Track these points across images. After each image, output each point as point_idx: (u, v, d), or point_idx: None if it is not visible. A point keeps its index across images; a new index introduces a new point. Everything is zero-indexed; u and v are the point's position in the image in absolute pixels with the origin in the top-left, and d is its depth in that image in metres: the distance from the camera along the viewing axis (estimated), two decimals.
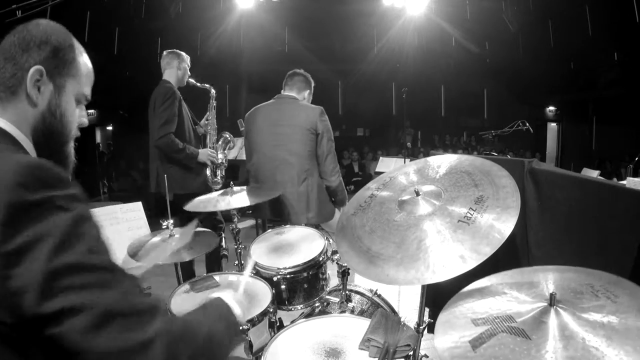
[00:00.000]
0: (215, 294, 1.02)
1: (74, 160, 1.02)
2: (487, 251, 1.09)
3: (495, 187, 1.26)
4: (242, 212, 2.21)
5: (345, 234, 1.38)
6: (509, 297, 0.99)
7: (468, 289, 1.08)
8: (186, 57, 3.23)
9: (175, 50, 3.22)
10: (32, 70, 0.88)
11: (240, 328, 0.96)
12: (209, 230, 2.11)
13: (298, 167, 2.61)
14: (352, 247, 1.31)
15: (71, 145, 1.01)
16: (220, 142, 3.31)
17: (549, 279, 1.01)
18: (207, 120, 3.34)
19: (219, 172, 3.25)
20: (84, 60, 0.99)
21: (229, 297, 1.00)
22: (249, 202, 2.05)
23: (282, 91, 2.81)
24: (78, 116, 1.01)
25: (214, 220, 3.17)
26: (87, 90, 1.01)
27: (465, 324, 0.95)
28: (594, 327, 0.83)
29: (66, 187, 0.72)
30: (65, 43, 0.94)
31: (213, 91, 3.33)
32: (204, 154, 3.13)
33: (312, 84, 2.88)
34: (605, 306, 0.87)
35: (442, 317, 1.01)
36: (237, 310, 0.98)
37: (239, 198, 2.08)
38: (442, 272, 1.09)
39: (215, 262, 3.21)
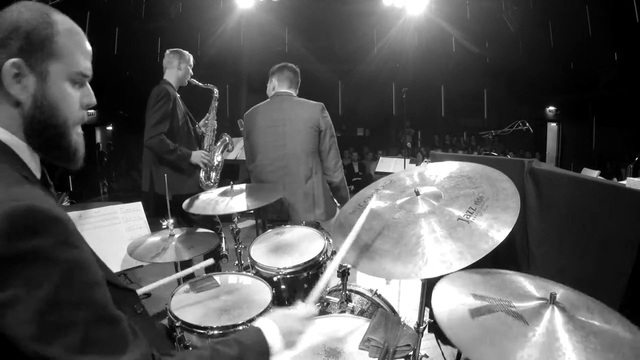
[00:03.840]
0: (258, 321, 0.99)
1: (83, 151, 0.91)
2: (485, 249, 1.09)
3: (495, 190, 1.27)
4: (243, 211, 2.20)
5: (343, 231, 1.38)
6: (512, 288, 1.01)
7: (473, 270, 1.09)
8: (188, 57, 3.19)
9: (178, 49, 3.19)
10: (5, 66, 0.77)
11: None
12: (209, 230, 2.11)
13: (303, 165, 2.60)
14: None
15: (74, 133, 0.89)
16: (218, 144, 3.28)
17: (553, 288, 1.02)
18: (206, 121, 3.31)
19: (213, 174, 3.21)
20: (71, 34, 0.85)
21: (271, 329, 0.95)
22: (250, 206, 2.03)
23: (269, 83, 2.78)
24: (80, 97, 0.89)
25: (211, 222, 3.13)
26: (84, 65, 0.87)
27: (465, 295, 0.98)
28: (587, 333, 0.85)
29: (55, 230, 0.69)
30: (39, 22, 0.80)
31: (216, 91, 3.30)
32: (196, 155, 3.09)
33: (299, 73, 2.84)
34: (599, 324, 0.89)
35: (444, 283, 1.03)
36: (276, 347, 0.93)
37: (239, 201, 2.07)
38: (439, 267, 1.09)
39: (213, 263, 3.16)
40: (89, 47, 0.90)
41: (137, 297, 1.12)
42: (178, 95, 3.13)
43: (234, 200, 2.07)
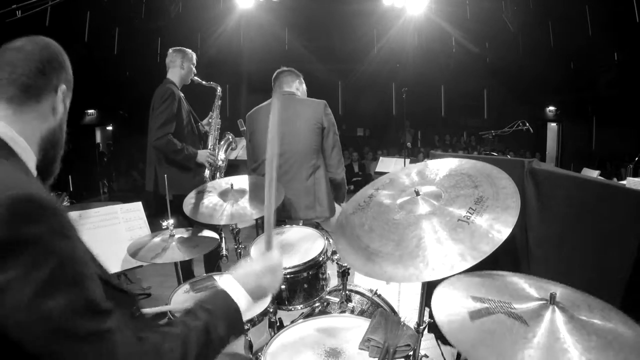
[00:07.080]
0: (224, 280, 0.99)
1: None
2: (486, 250, 1.09)
3: (495, 189, 1.26)
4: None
5: (344, 232, 1.38)
6: (512, 289, 1.00)
7: (472, 273, 1.08)
8: (191, 55, 3.18)
9: (181, 48, 3.18)
10: (62, 88, 0.92)
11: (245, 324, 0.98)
12: (210, 230, 2.11)
13: (305, 163, 2.61)
14: (351, 245, 1.31)
15: None
16: (222, 143, 3.28)
17: (553, 288, 1.01)
18: (210, 119, 3.31)
19: (218, 174, 3.21)
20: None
21: (236, 288, 0.96)
22: (255, 214, 2.01)
23: (279, 89, 2.77)
24: None
25: None
26: None
27: (464, 298, 0.98)
28: (588, 332, 0.84)
29: (53, 220, 0.72)
30: (61, 53, 0.96)
31: (219, 90, 3.30)
32: (202, 155, 3.09)
33: (300, 75, 2.86)
34: (600, 322, 0.89)
35: (443, 287, 1.03)
36: (243, 304, 0.95)
37: (245, 209, 2.03)
38: (441, 269, 1.09)
39: (213, 263, 3.16)
40: None
41: (135, 300, 1.09)
42: (182, 95, 3.13)
43: (239, 207, 2.04)
